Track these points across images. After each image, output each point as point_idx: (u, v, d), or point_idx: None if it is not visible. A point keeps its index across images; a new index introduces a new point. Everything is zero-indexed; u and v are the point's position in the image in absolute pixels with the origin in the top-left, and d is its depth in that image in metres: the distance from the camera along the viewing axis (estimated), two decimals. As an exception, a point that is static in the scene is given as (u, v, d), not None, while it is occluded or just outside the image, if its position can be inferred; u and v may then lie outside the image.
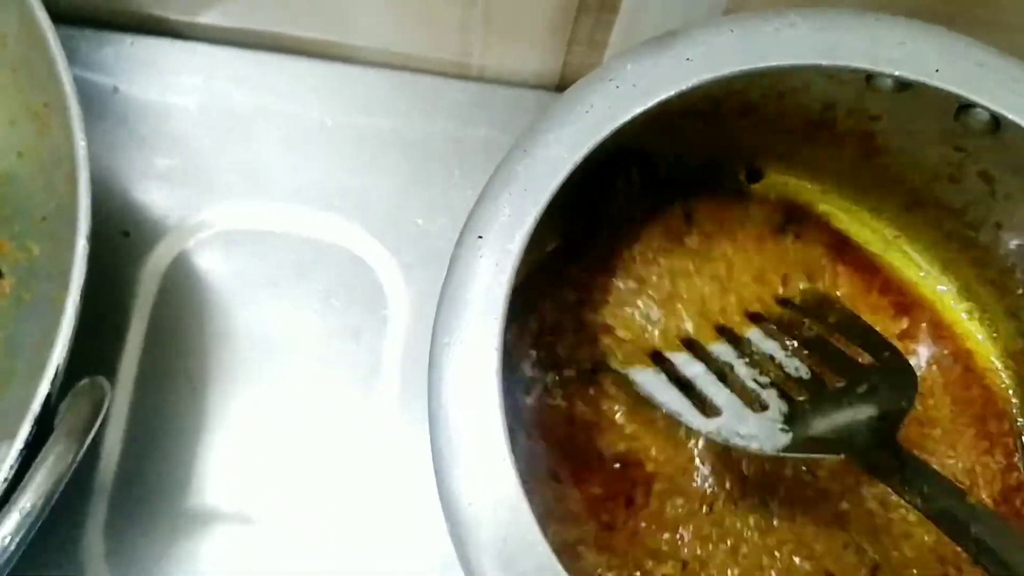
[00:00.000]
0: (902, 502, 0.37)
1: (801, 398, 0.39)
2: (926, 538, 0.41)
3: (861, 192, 0.47)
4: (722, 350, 0.42)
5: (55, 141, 0.40)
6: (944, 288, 0.47)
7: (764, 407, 0.39)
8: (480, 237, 0.33)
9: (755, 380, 0.40)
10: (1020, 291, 0.44)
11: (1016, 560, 0.31)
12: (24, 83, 0.41)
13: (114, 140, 0.51)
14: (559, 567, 0.30)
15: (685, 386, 0.40)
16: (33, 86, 0.41)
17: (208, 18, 0.53)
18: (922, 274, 0.47)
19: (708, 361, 0.41)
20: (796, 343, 0.42)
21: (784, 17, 0.36)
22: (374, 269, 0.50)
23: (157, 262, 0.50)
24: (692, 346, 0.42)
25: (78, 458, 0.31)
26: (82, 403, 0.32)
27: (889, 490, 0.36)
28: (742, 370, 0.41)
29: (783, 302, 0.43)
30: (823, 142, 0.45)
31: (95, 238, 0.37)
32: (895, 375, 0.39)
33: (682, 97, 0.37)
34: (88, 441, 0.31)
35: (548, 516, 0.39)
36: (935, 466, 0.37)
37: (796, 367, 0.41)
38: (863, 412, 0.38)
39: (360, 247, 0.50)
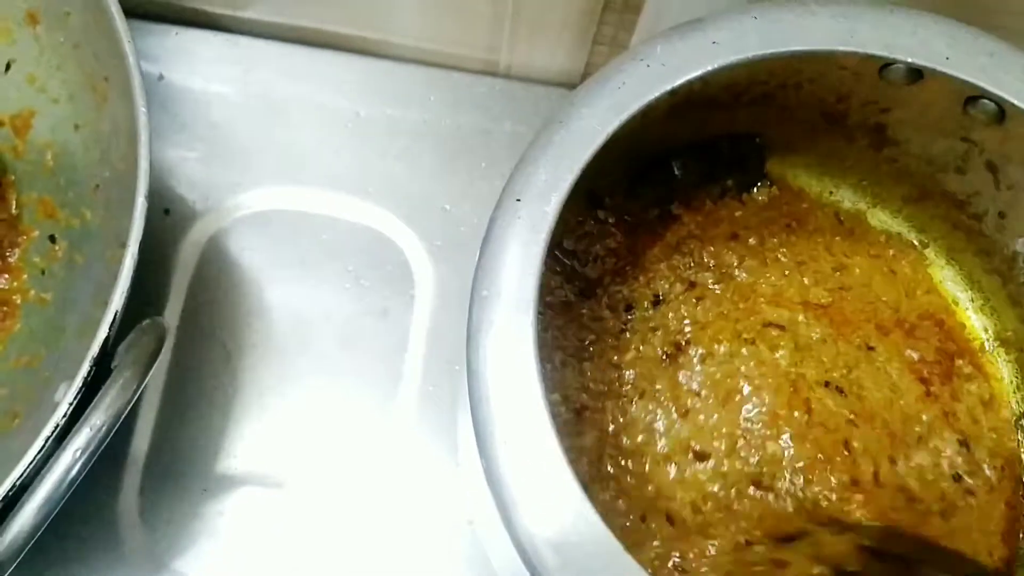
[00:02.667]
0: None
1: None
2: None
3: (869, 184, 0.49)
4: None
5: (114, 112, 0.43)
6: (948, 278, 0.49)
7: None
8: (518, 200, 0.35)
9: None
10: (1023, 279, 0.46)
11: None
12: (86, 58, 0.44)
13: (158, 125, 0.54)
14: (594, 514, 0.32)
15: None
16: (95, 61, 0.43)
17: (250, 13, 0.56)
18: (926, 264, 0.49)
19: None
20: None
21: (804, 6, 0.39)
22: (403, 251, 0.52)
23: (196, 239, 0.52)
24: None
25: (143, 385, 0.33)
26: (146, 338, 0.34)
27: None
28: None
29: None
30: (835, 134, 0.47)
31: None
32: None
33: (706, 82, 0.39)
34: (151, 371, 0.33)
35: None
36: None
37: None
38: None
39: (390, 230, 0.53)
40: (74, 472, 0.31)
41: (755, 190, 0.49)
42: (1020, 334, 0.47)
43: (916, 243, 0.49)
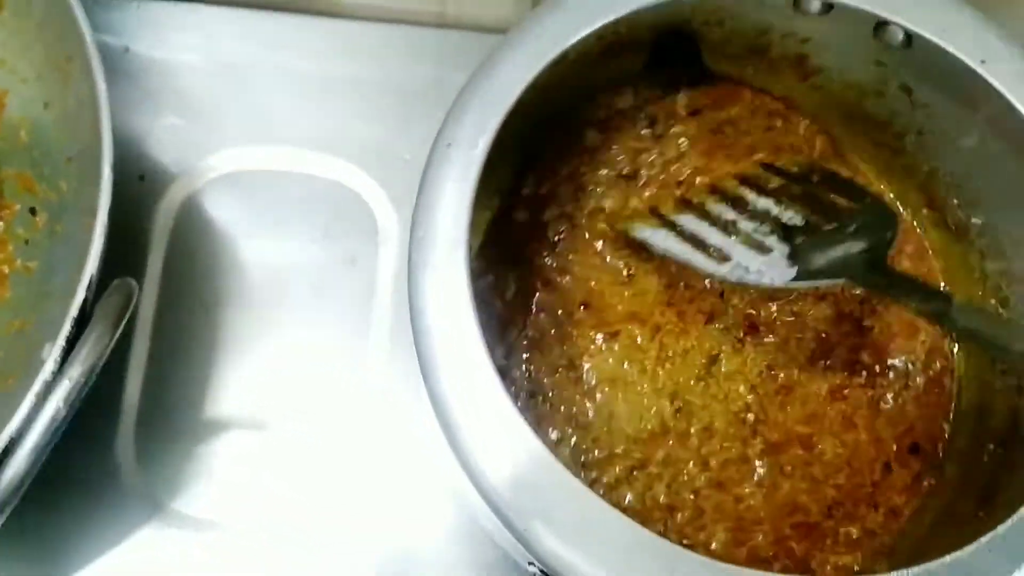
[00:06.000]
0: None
1: (800, 240, 0.46)
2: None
3: (802, 111, 0.52)
4: (721, 209, 0.47)
5: (78, 90, 0.45)
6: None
7: (768, 250, 0.46)
8: (449, 146, 0.38)
9: (757, 231, 0.46)
10: (942, 193, 0.49)
11: (988, 332, 0.41)
12: (49, 40, 0.46)
13: (127, 96, 0.57)
14: (527, 427, 0.36)
15: (694, 240, 0.47)
16: (57, 42, 0.46)
17: (207, -19, 0.58)
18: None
19: (711, 219, 0.47)
20: (788, 199, 0.47)
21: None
22: (367, 202, 0.56)
23: (170, 202, 0.55)
24: (692, 206, 0.48)
25: (115, 339, 0.36)
26: (115, 297, 0.37)
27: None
28: (744, 223, 0.47)
29: (768, 167, 0.49)
30: (763, 68, 0.50)
31: (114, 182, 0.42)
32: (878, 214, 0.46)
33: (631, 23, 0.42)
34: (122, 325, 0.37)
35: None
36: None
37: (790, 217, 0.47)
38: (855, 246, 0.45)
39: (354, 182, 0.56)
40: (59, 419, 0.35)
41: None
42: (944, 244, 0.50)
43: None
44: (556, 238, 0.48)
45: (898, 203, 0.52)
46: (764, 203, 0.47)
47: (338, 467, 0.51)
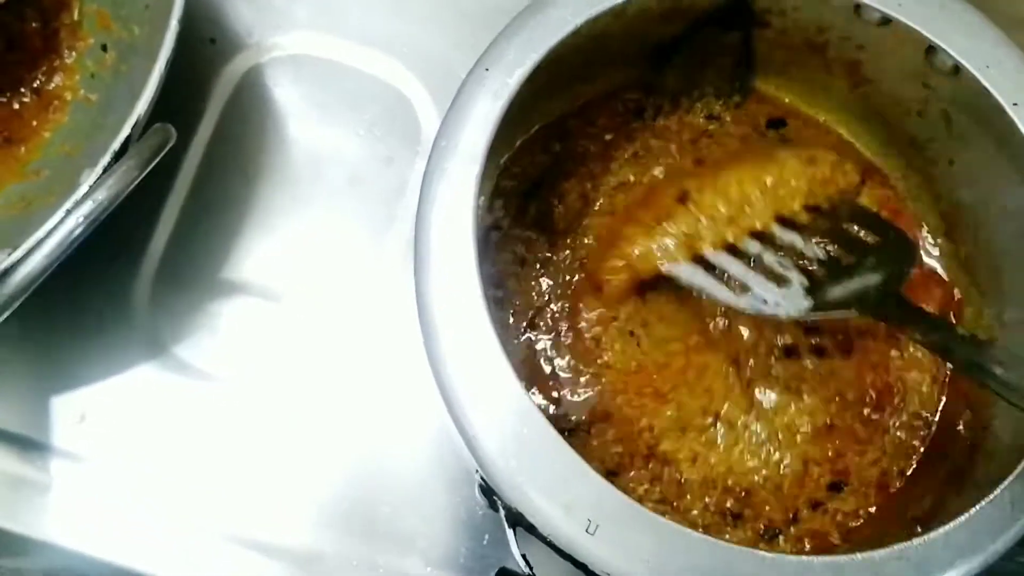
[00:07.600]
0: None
1: (820, 272, 0.47)
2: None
3: (846, 119, 0.53)
4: (752, 245, 0.48)
5: (167, -58, 0.48)
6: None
7: (787, 282, 0.47)
8: (487, 70, 0.40)
9: (779, 264, 0.48)
10: (959, 226, 0.50)
11: (990, 366, 0.40)
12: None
13: (213, -37, 0.59)
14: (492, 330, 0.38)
15: (720, 274, 0.48)
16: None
17: None
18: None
19: (739, 254, 0.48)
20: (814, 233, 0.49)
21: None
22: (415, 108, 0.58)
23: (234, 70, 0.58)
24: (728, 247, 0.49)
25: (143, 174, 0.39)
26: (153, 138, 0.40)
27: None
28: (769, 257, 0.48)
29: (807, 208, 0.50)
30: (817, 67, 0.51)
31: (186, 39, 0.45)
32: (899, 248, 0.47)
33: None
34: (152, 164, 0.40)
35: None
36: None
37: (814, 252, 0.48)
38: (872, 279, 0.46)
39: (406, 88, 0.58)
40: (76, 233, 0.38)
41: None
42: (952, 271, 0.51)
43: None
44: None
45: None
46: (790, 237, 0.48)
47: (336, 350, 0.54)
